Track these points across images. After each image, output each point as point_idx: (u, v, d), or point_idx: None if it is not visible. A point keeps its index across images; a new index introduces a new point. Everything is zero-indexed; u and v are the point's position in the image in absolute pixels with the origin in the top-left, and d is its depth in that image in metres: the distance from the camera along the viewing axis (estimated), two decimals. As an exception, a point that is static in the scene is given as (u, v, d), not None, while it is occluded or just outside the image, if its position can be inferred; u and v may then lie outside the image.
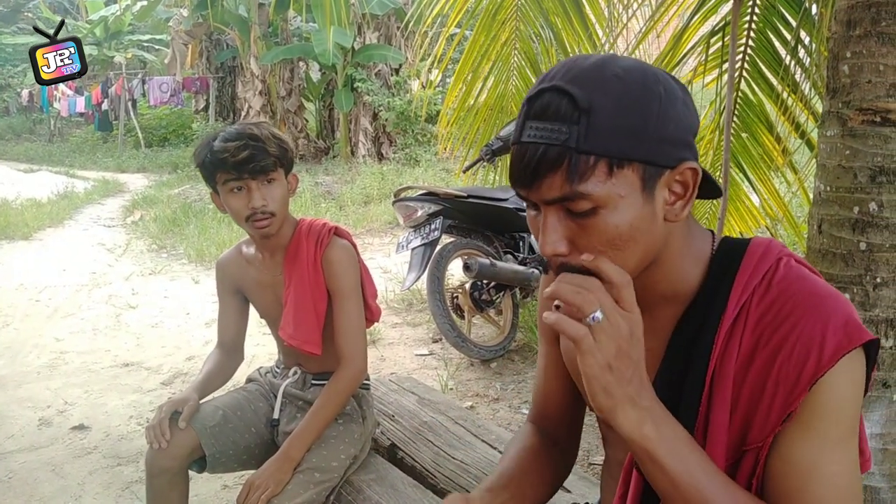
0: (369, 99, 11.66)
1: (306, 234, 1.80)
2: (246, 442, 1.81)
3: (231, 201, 1.68)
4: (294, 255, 1.79)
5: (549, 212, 0.77)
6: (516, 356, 3.76)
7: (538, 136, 0.74)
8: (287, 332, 1.80)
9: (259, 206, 1.66)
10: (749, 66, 3.14)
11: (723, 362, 0.81)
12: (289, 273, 1.80)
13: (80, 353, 4.04)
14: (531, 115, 0.76)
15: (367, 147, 12.04)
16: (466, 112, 4.52)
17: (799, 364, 0.76)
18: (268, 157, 1.65)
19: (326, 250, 1.78)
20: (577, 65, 0.76)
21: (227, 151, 1.62)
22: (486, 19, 3.98)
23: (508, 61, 4.19)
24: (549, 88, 0.75)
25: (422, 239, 3.63)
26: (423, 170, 10.11)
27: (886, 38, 1.48)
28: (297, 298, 1.78)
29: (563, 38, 4.04)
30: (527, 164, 0.75)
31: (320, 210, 7.85)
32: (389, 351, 3.93)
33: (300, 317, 1.78)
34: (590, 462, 2.61)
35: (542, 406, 1.12)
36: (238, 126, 1.69)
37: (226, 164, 1.63)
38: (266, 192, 1.67)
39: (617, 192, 0.74)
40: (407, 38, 11.79)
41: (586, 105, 0.73)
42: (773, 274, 0.83)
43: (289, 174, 1.77)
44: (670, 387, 0.84)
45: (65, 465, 2.77)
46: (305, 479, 1.63)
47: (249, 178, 1.65)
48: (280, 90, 12.76)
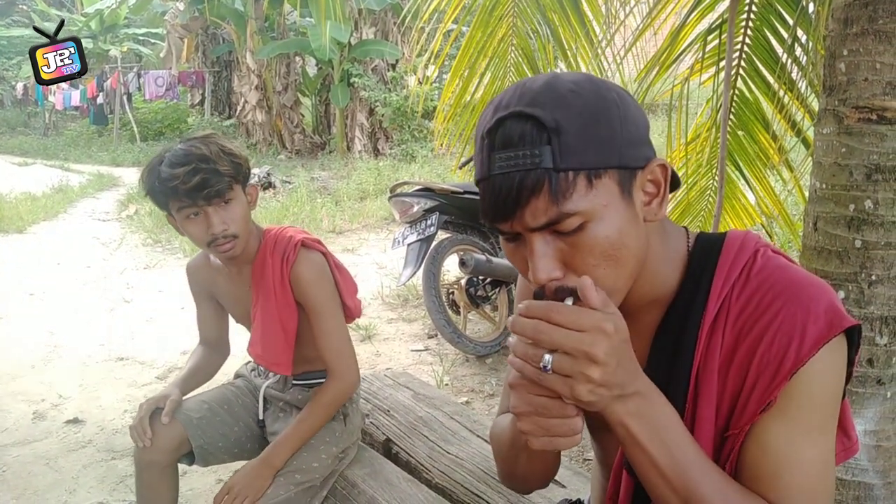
0: (366, 94, 11.64)
1: (272, 250, 1.70)
2: (236, 435, 1.81)
3: (189, 228, 1.58)
4: (261, 272, 1.70)
5: (536, 238, 0.75)
6: (511, 352, 3.76)
7: (510, 164, 0.73)
8: (255, 350, 1.76)
9: (220, 232, 1.56)
10: (746, 64, 3.14)
11: (707, 359, 0.82)
12: (256, 289, 1.72)
13: (75, 347, 4.03)
14: (497, 147, 0.74)
15: (364, 143, 12.02)
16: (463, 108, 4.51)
17: (780, 354, 0.77)
18: (222, 179, 1.53)
19: (294, 267, 1.69)
20: (527, 89, 0.76)
21: (176, 178, 1.49)
22: (482, 15, 3.97)
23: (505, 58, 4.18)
24: (509, 116, 0.74)
25: (418, 234, 3.63)
26: (419, 166, 10.10)
27: (883, 36, 1.48)
28: (264, 317, 1.71)
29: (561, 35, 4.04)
30: (505, 196, 0.73)
31: (316, 205, 7.83)
32: (385, 346, 3.93)
33: (268, 337, 1.72)
34: (584, 458, 2.62)
35: None
36: (184, 145, 1.56)
37: (177, 192, 1.51)
38: (225, 215, 1.56)
39: (600, 202, 0.74)
40: (404, 34, 11.77)
41: (553, 124, 0.72)
42: (752, 266, 0.83)
43: (246, 187, 1.65)
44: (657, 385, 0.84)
45: (59, 459, 2.77)
46: (285, 480, 1.62)
47: (205, 205, 1.53)
48: (276, 85, 12.74)
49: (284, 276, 1.68)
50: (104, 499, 2.50)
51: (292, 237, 1.72)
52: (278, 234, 1.74)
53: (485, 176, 0.75)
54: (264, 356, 1.75)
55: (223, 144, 1.59)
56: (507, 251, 0.81)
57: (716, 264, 0.84)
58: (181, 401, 1.77)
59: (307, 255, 1.71)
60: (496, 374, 3.52)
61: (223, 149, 1.57)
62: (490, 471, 1.70)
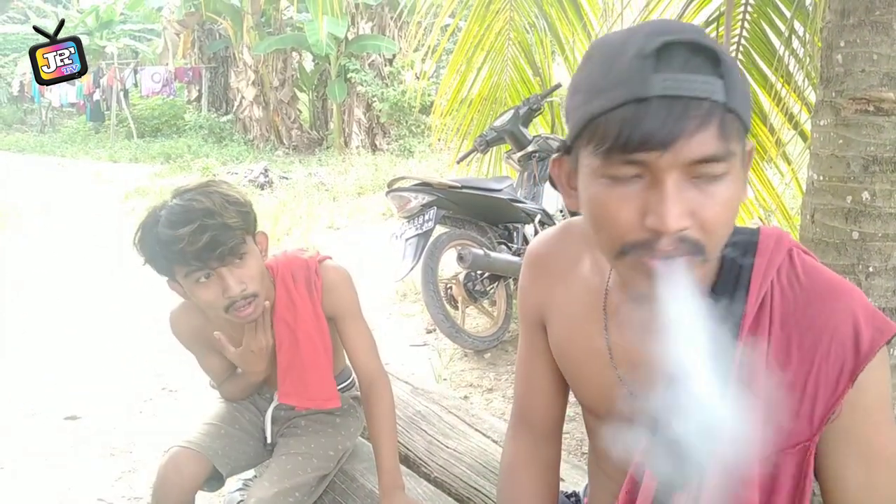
0: (363, 89, 11.63)
1: (293, 285, 1.56)
2: (253, 449, 1.75)
3: (200, 293, 1.41)
4: (291, 314, 1.56)
5: (673, 180, 0.69)
6: (510, 346, 3.76)
7: (681, 87, 0.67)
8: (295, 397, 1.62)
9: (238, 293, 1.40)
10: (743, 57, 3.14)
11: (748, 360, 0.80)
12: (282, 334, 1.58)
13: (71, 344, 4.03)
14: (664, 68, 0.68)
15: (361, 138, 12.02)
16: (460, 103, 4.51)
17: (838, 362, 0.77)
18: (233, 234, 1.37)
19: (324, 284, 1.58)
20: (686, 25, 0.73)
21: (181, 240, 1.32)
22: (479, 9, 3.97)
23: (503, 52, 4.18)
24: (682, 42, 0.68)
25: (416, 229, 3.62)
26: (417, 161, 10.10)
27: (880, 27, 1.48)
28: (304, 359, 1.58)
29: (558, 29, 4.03)
30: (674, 120, 0.67)
31: (313, 202, 7.82)
32: (383, 341, 3.92)
33: (313, 376, 1.60)
34: (583, 451, 2.62)
35: (528, 398, 1.10)
36: (181, 200, 1.38)
37: (184, 255, 1.34)
38: (241, 273, 1.41)
39: (739, 160, 0.72)
40: (401, 29, 11.75)
41: (727, 61, 0.69)
42: (790, 268, 0.82)
43: (256, 235, 1.50)
44: None
45: (56, 455, 2.77)
46: (304, 462, 1.61)
47: (218, 266, 1.38)
48: (273, 80, 12.72)
49: (316, 304, 1.57)
50: (103, 495, 2.50)
51: (306, 262, 1.60)
52: (289, 264, 1.60)
53: (639, 96, 0.68)
54: (313, 398, 1.61)
55: (225, 193, 1.43)
56: (604, 197, 0.74)
57: (752, 262, 0.82)
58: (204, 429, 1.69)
59: (328, 267, 1.62)
60: (494, 369, 3.52)
61: (227, 198, 1.41)
62: (488, 465, 1.70)
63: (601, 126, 0.70)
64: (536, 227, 3.94)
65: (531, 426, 1.11)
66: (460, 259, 3.43)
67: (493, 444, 1.81)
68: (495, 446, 1.79)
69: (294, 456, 1.63)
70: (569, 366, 0.99)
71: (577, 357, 0.97)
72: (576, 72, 0.78)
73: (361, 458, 1.78)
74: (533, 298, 1.03)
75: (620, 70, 0.70)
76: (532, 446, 1.10)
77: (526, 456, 1.10)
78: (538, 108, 4.12)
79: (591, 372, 0.95)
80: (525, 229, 3.95)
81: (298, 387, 1.61)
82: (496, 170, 4.73)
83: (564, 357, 0.99)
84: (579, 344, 0.95)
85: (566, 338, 0.98)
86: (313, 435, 1.69)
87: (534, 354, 1.06)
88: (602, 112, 0.70)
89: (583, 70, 0.76)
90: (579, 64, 0.78)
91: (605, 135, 0.70)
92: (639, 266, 0.74)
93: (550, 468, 1.11)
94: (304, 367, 1.59)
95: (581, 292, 0.95)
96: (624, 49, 0.70)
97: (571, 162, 0.80)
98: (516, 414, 1.13)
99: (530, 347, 1.07)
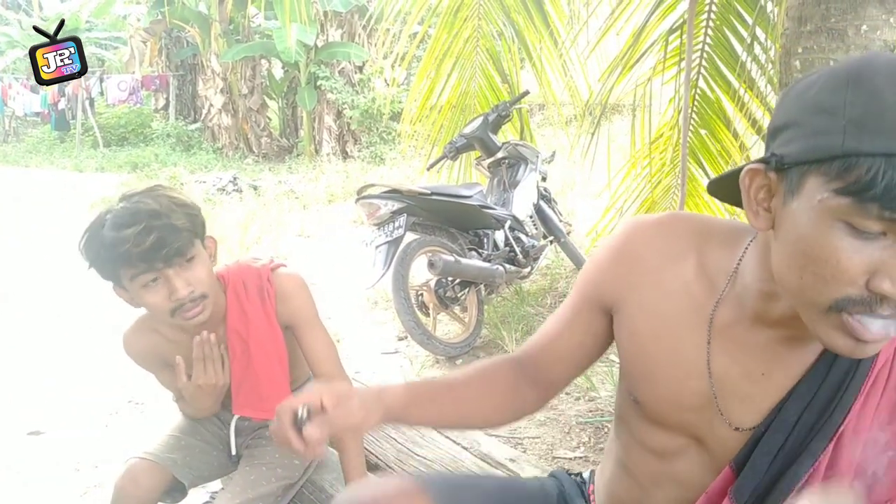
0: (333, 97, 11.59)
1: (245, 294, 1.53)
2: (216, 459, 1.73)
3: (147, 297, 1.39)
4: (243, 324, 1.53)
5: None
6: (482, 353, 3.76)
7: None
8: (250, 408, 1.59)
9: (186, 295, 1.38)
10: (707, 64, 3.19)
11: (859, 418, 0.79)
12: (235, 345, 1.55)
13: (33, 357, 3.95)
14: None
15: (332, 145, 11.97)
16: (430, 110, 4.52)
17: None
18: (180, 235, 1.36)
19: (278, 293, 1.55)
20: None
21: (126, 241, 1.31)
22: (447, 17, 3.99)
23: (471, 59, 4.20)
24: None
25: (386, 236, 3.61)
26: (388, 168, 10.08)
27: (836, 34, 1.52)
28: (258, 369, 1.56)
29: (525, 36, 4.07)
30: None
31: (283, 209, 7.77)
32: (354, 349, 3.91)
33: (268, 387, 1.57)
34: (554, 456, 2.63)
35: (540, 349, 1.06)
36: (127, 203, 1.37)
37: (129, 257, 1.32)
38: (189, 276, 1.39)
39: None
40: (370, 36, 11.75)
41: None
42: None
43: (205, 240, 1.47)
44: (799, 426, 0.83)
45: (20, 471, 2.70)
46: (268, 472, 1.60)
47: (165, 268, 1.36)
48: (242, 88, 12.62)
49: (270, 313, 1.55)
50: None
51: (258, 271, 1.57)
52: (241, 273, 1.57)
53: None
54: (269, 409, 1.52)
55: (173, 196, 1.41)
56: (837, 242, 0.68)
57: None
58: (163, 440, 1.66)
59: (281, 274, 1.59)
60: (466, 375, 3.52)
61: (174, 200, 1.39)
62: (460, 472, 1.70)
63: (867, 168, 0.63)
64: (506, 233, 3.95)
65: (523, 366, 1.07)
66: (431, 266, 3.43)
67: (464, 452, 1.80)
68: (466, 453, 1.79)
69: (258, 466, 1.61)
70: (646, 363, 0.94)
71: (661, 358, 0.92)
72: (829, 85, 0.69)
73: (331, 469, 1.77)
74: (609, 282, 0.97)
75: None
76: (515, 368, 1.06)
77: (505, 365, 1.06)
78: (507, 115, 4.15)
79: (673, 378, 0.91)
80: (495, 235, 3.96)
81: (253, 398, 1.58)
82: (466, 176, 4.74)
83: (643, 353, 0.94)
84: (667, 345, 0.91)
85: (651, 335, 0.93)
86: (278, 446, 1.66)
87: (575, 326, 1.03)
88: (873, 153, 0.63)
89: (848, 91, 0.66)
90: (838, 78, 0.68)
91: (869, 181, 0.63)
92: (845, 326, 0.70)
93: (518, 388, 1.06)
94: (258, 378, 1.56)
95: (679, 294, 0.91)
96: None
97: (785, 184, 0.72)
98: (513, 356, 1.08)
99: (574, 319, 1.03)
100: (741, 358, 0.86)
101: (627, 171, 3.79)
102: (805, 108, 0.69)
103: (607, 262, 0.98)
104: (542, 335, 1.06)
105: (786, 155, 0.71)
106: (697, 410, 0.90)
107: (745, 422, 0.87)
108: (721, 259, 0.88)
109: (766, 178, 0.74)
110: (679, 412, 0.92)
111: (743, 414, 0.87)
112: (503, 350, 3.61)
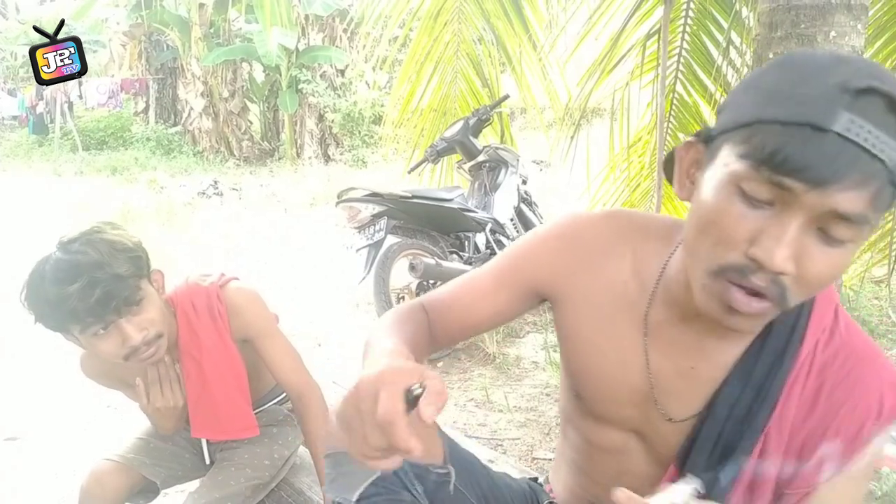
0: (314, 100, 11.58)
1: (195, 316, 1.49)
2: (190, 461, 1.74)
3: (100, 346, 1.34)
4: (192, 348, 1.50)
5: (800, 221, 0.67)
6: (463, 355, 3.77)
7: (861, 138, 0.64)
8: (208, 431, 1.58)
9: (140, 341, 1.34)
10: (684, 68, 3.23)
11: (786, 404, 0.82)
12: (189, 368, 1.52)
13: (9, 363, 3.90)
14: (858, 110, 0.65)
15: (314, 149, 11.95)
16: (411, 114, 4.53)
17: (859, 421, 0.79)
18: (126, 284, 1.30)
19: (229, 308, 1.52)
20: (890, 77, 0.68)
21: (71, 297, 1.25)
22: (428, 21, 4.00)
23: (452, 63, 4.22)
24: (887, 95, 0.65)
25: (366, 240, 3.62)
26: (370, 171, 10.08)
27: (805, 40, 1.55)
28: (213, 392, 1.53)
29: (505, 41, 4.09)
30: (842, 163, 0.64)
31: (265, 213, 7.74)
32: (335, 353, 3.90)
33: (224, 408, 1.55)
34: (533, 457, 2.64)
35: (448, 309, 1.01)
36: (65, 255, 1.29)
37: (77, 313, 1.26)
38: (140, 320, 1.35)
39: (866, 234, 0.69)
40: (351, 39, 11.74)
41: None
42: (835, 322, 0.83)
43: (150, 276, 1.43)
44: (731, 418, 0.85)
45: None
46: (237, 472, 1.60)
47: (115, 318, 1.31)
48: (222, 91, 12.56)
49: (222, 331, 1.52)
50: (45, 518, 2.42)
51: (207, 291, 1.53)
52: (189, 294, 1.53)
53: (819, 125, 0.65)
54: (226, 430, 1.56)
55: (112, 240, 1.34)
56: (727, 206, 0.71)
57: (810, 312, 0.83)
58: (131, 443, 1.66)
59: (231, 290, 1.56)
60: (447, 378, 3.53)
61: (114, 245, 1.33)
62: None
63: (765, 133, 0.67)
64: (487, 236, 3.97)
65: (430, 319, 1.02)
66: (412, 269, 3.43)
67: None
68: (445, 455, 1.80)
69: (227, 467, 1.62)
70: (588, 358, 0.95)
71: (602, 354, 0.94)
72: (758, 69, 0.75)
73: (309, 471, 1.77)
74: (549, 270, 0.96)
75: (814, 90, 0.66)
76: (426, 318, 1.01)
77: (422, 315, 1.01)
78: (487, 118, 4.17)
79: (613, 374, 0.93)
80: (476, 238, 3.98)
81: (210, 420, 1.56)
82: (448, 180, 4.76)
83: (587, 344, 0.94)
84: (607, 341, 0.93)
85: (593, 328, 0.94)
86: (248, 446, 1.67)
87: (492, 299, 1.00)
88: (774, 121, 0.67)
89: (770, 72, 0.72)
90: (768, 63, 0.74)
91: (764, 144, 0.67)
92: (723, 293, 0.73)
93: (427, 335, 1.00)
94: (213, 399, 1.54)
95: (615, 288, 0.92)
96: (828, 72, 0.67)
97: (707, 153, 0.76)
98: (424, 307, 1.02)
99: (495, 293, 1.00)
100: (672, 354, 0.88)
101: (606, 175, 3.82)
102: (739, 89, 0.75)
103: (548, 250, 0.97)
104: (454, 298, 1.02)
105: (714, 128, 0.76)
106: (637, 405, 0.92)
107: (679, 415, 0.90)
108: (654, 257, 0.91)
109: (697, 150, 0.78)
110: (619, 407, 0.94)
111: (678, 408, 0.90)
112: (484, 351, 3.63)
